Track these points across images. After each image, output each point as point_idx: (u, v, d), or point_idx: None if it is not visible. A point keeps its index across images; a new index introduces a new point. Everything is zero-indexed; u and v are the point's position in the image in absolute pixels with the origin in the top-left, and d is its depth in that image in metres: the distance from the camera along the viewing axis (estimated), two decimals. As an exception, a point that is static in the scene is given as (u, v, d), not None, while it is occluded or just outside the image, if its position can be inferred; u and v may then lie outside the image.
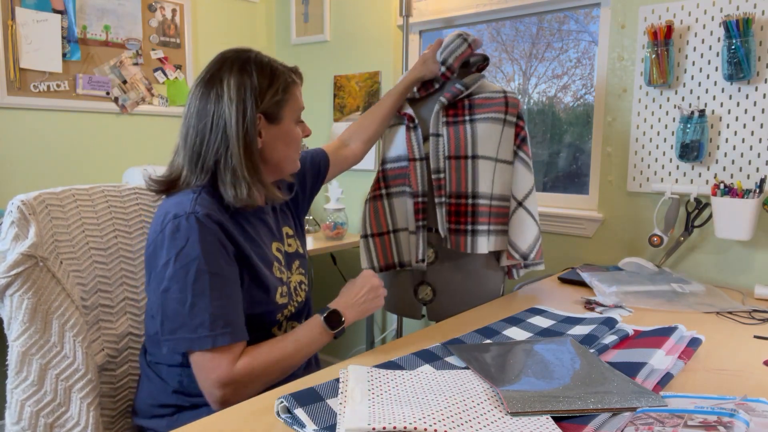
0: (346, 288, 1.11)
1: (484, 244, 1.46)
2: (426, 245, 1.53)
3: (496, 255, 1.58)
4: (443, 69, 1.50)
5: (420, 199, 1.50)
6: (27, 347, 0.94)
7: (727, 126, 1.61)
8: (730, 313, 1.32)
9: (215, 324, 0.91)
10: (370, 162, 2.51)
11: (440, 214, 1.47)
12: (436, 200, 1.47)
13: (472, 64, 1.58)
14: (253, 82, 1.01)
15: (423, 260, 1.51)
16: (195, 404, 1.00)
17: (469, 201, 1.47)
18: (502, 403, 0.79)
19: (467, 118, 1.48)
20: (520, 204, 1.48)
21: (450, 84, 1.53)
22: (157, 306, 0.94)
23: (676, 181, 1.71)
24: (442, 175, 1.47)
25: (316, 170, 1.37)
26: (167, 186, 1.06)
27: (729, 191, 1.53)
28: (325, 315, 1.03)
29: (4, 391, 0.97)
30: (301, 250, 1.24)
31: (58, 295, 1.00)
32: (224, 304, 0.93)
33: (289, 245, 1.20)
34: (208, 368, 0.91)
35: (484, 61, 1.58)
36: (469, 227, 1.47)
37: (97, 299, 1.13)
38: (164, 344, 0.94)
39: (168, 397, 1.02)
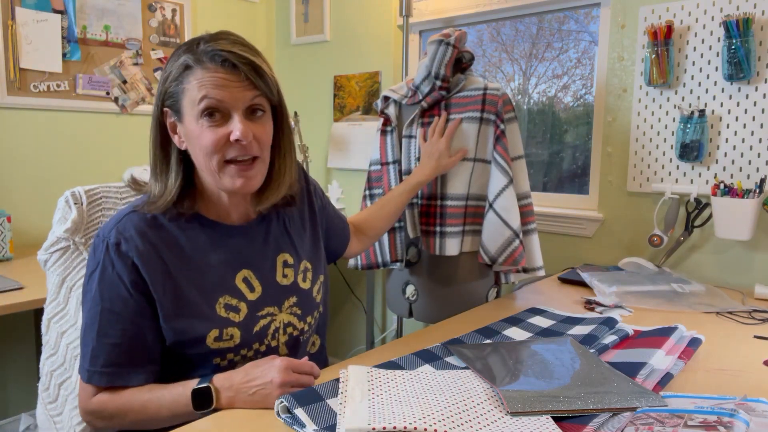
0: (247, 368, 0.87)
1: (455, 246, 1.45)
2: (404, 245, 1.53)
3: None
4: (438, 83, 1.46)
5: None
6: (51, 315, 1.11)
7: (727, 126, 1.61)
8: (730, 313, 1.32)
9: (95, 360, 0.88)
10: (368, 162, 2.50)
11: (410, 215, 1.50)
12: None
13: (466, 60, 1.54)
14: (167, 67, 0.87)
15: (400, 260, 1.53)
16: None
17: (438, 202, 1.47)
18: (502, 403, 0.79)
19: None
20: (491, 206, 1.44)
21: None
22: None
23: (676, 181, 1.71)
24: None
25: (339, 242, 1.24)
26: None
27: (729, 191, 1.53)
28: (194, 390, 0.85)
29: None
30: (303, 286, 1.03)
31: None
32: (109, 342, 0.87)
33: (285, 276, 1.01)
34: (79, 392, 0.92)
35: (471, 59, 1.53)
36: (438, 229, 1.46)
37: None
38: None
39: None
